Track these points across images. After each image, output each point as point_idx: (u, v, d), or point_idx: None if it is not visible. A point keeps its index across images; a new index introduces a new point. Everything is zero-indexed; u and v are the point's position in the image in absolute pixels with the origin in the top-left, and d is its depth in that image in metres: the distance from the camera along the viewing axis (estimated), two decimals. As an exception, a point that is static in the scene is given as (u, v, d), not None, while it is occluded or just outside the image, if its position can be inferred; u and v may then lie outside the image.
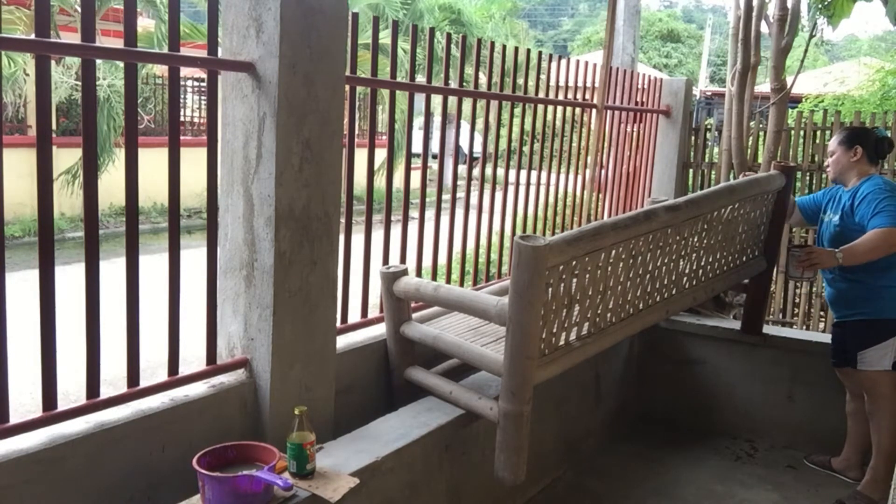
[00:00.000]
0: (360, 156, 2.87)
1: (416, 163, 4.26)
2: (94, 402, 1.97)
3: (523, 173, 3.79)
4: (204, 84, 10.37)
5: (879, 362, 3.28)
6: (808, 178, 4.87)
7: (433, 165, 6.52)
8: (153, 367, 2.49)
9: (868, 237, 3.16)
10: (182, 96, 7.56)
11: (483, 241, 3.52)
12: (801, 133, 4.82)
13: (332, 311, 2.46)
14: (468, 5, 15.89)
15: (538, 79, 3.77)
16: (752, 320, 3.89)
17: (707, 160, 5.15)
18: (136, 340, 2.08)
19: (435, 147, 3.34)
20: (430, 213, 3.25)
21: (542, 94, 3.82)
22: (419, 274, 3.13)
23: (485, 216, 3.55)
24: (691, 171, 5.11)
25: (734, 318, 4.38)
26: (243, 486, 1.86)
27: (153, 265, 2.67)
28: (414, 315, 2.92)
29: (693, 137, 5.11)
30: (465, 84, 3.72)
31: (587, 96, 4.21)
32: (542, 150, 3.90)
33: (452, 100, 3.43)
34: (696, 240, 3.09)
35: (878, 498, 3.33)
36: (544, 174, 3.91)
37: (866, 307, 3.32)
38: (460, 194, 3.36)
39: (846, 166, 3.39)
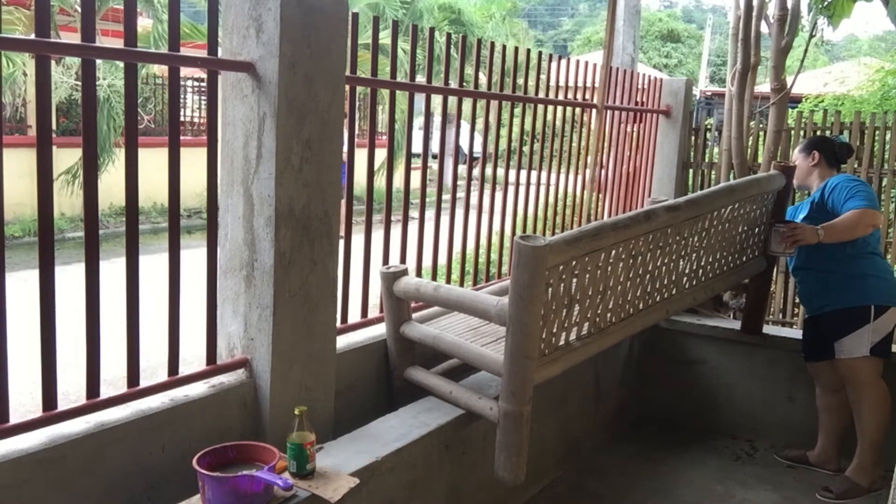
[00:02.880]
0: (361, 156, 2.87)
1: (416, 163, 4.25)
2: (94, 402, 1.97)
3: (523, 173, 3.79)
4: (204, 84, 10.35)
5: (858, 349, 3.36)
6: (808, 178, 4.87)
7: (433, 165, 6.52)
8: (153, 367, 2.49)
9: (846, 216, 3.29)
10: (182, 96, 7.57)
11: (483, 241, 3.52)
12: (801, 133, 4.81)
13: (332, 311, 2.46)
14: (468, 5, 15.89)
15: (538, 79, 3.77)
16: (752, 320, 3.89)
17: (707, 160, 5.15)
18: (136, 340, 2.07)
19: (435, 147, 3.34)
20: (430, 213, 3.25)
21: (542, 94, 3.81)
22: (419, 274, 3.13)
23: (485, 216, 3.55)
24: (691, 171, 5.10)
25: (733, 318, 4.38)
26: (243, 486, 1.86)
27: (153, 265, 2.67)
28: (414, 315, 2.92)
29: (693, 137, 5.11)
30: (465, 84, 3.72)
31: (587, 96, 4.21)
32: (542, 150, 3.90)
33: (452, 100, 3.43)
34: (696, 240, 3.09)
35: (866, 484, 3.38)
36: (544, 174, 3.91)
37: (839, 296, 3.41)
38: (460, 194, 3.36)
39: (805, 171, 3.56)
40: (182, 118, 7.22)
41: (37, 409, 1.90)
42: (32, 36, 1.77)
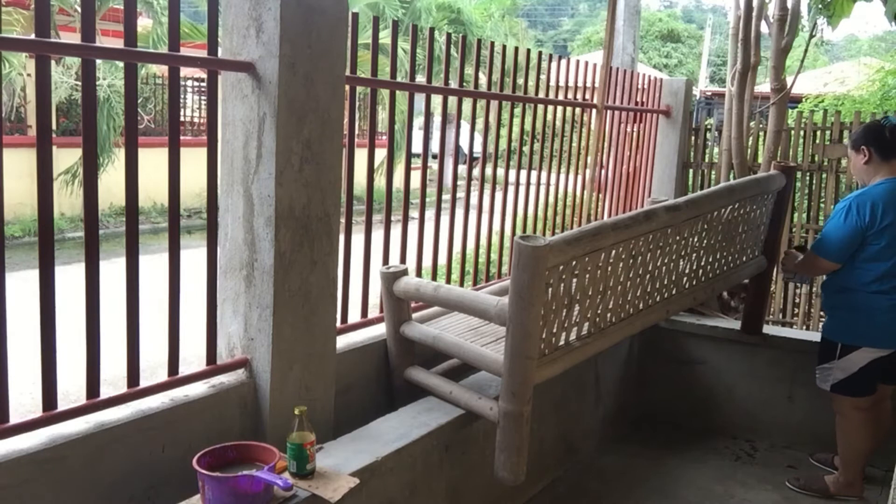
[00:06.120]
0: (361, 156, 2.87)
1: (416, 163, 4.25)
2: (94, 402, 1.97)
3: (523, 173, 3.79)
4: (204, 84, 10.35)
5: (822, 382, 3.36)
6: (808, 178, 4.88)
7: (433, 165, 6.52)
8: (153, 367, 2.49)
9: (805, 258, 3.40)
10: (182, 96, 7.56)
11: (483, 241, 3.52)
12: (801, 133, 4.82)
13: (332, 311, 2.46)
14: (467, 4, 15.87)
15: (538, 79, 3.77)
16: (752, 320, 3.89)
17: (707, 160, 5.15)
18: (136, 340, 2.08)
19: (435, 147, 3.34)
20: (430, 213, 3.25)
21: (542, 95, 3.81)
22: (419, 274, 3.13)
23: (485, 216, 3.54)
24: (691, 171, 5.11)
25: (735, 319, 4.38)
26: (243, 486, 1.86)
27: (153, 265, 2.66)
28: (414, 315, 2.92)
29: (693, 137, 5.11)
30: (465, 84, 3.72)
31: (587, 96, 4.21)
32: (542, 150, 3.90)
33: (452, 100, 3.43)
34: (696, 240, 3.09)
35: (834, 493, 3.43)
36: (544, 174, 3.91)
37: (826, 321, 3.43)
38: (460, 194, 3.36)
39: (861, 171, 3.23)
40: (182, 118, 7.22)
41: (37, 409, 1.90)
42: (32, 36, 1.77)
